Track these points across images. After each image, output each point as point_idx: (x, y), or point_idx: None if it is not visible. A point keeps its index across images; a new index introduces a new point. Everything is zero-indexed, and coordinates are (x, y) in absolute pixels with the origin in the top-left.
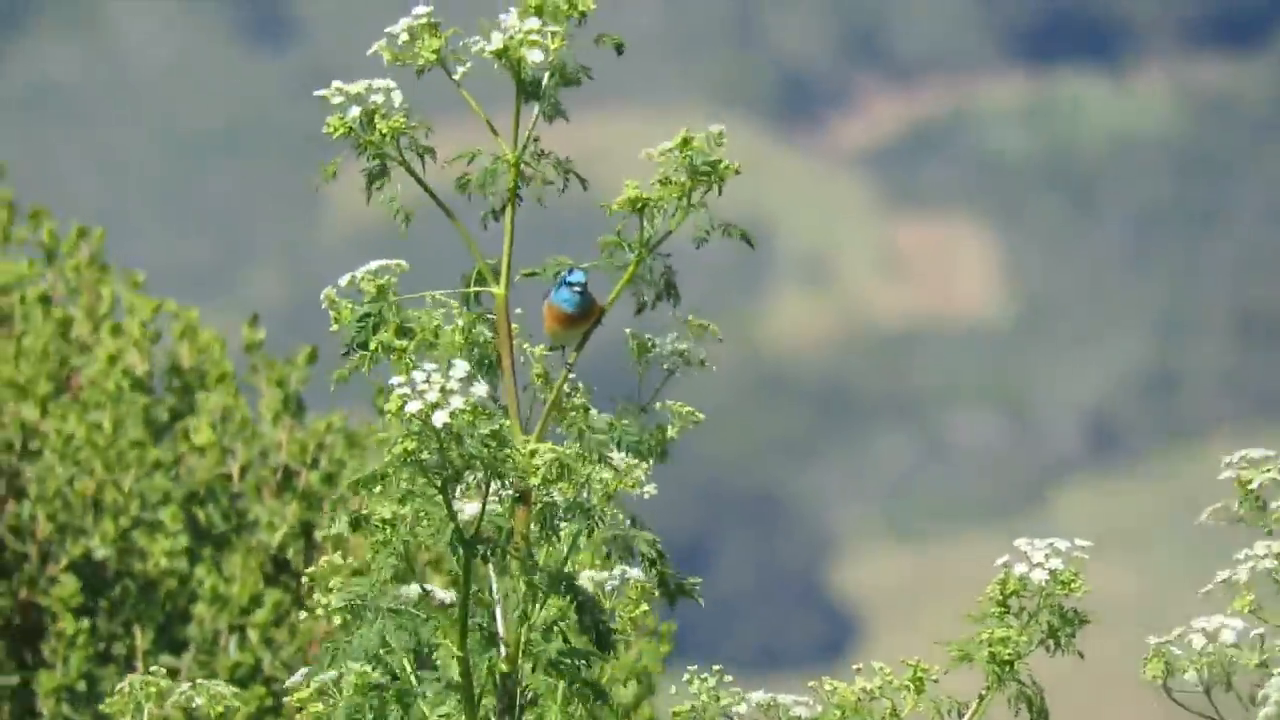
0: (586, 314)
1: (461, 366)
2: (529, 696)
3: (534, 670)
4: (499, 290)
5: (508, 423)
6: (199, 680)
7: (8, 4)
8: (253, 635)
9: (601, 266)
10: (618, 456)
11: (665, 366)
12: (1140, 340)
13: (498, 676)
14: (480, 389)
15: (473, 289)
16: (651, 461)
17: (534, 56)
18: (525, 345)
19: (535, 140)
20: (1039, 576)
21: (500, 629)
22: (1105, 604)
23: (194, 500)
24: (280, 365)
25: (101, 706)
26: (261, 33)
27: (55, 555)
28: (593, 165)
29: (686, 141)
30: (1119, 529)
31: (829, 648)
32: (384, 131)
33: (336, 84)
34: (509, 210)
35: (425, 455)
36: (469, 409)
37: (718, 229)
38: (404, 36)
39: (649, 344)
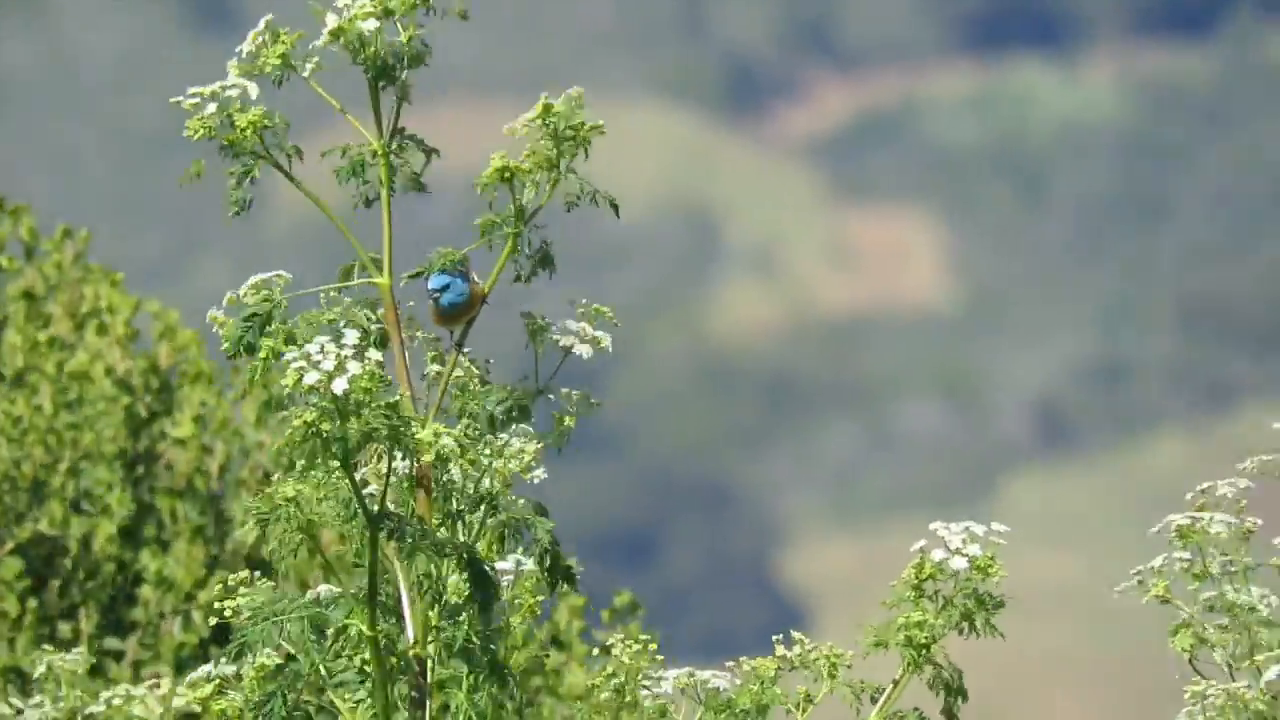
0: (463, 309)
1: (352, 334)
2: (432, 680)
3: (441, 656)
4: (383, 280)
5: (406, 392)
6: (132, 691)
7: None
8: (197, 617)
9: (476, 247)
10: (517, 442)
11: (561, 346)
12: (1089, 329)
13: (411, 662)
14: (375, 354)
15: (357, 281)
16: (539, 446)
17: (368, 26)
18: (418, 333)
19: (400, 130)
20: (958, 564)
21: (406, 614)
22: (1053, 591)
23: (173, 495)
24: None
25: (35, 672)
26: (209, 21)
27: (1, 538)
28: None
29: (548, 109)
30: (1067, 517)
31: (777, 635)
32: (242, 127)
33: (191, 88)
34: (385, 200)
35: (325, 427)
36: (367, 376)
37: (587, 194)
38: (248, 48)
39: (542, 325)
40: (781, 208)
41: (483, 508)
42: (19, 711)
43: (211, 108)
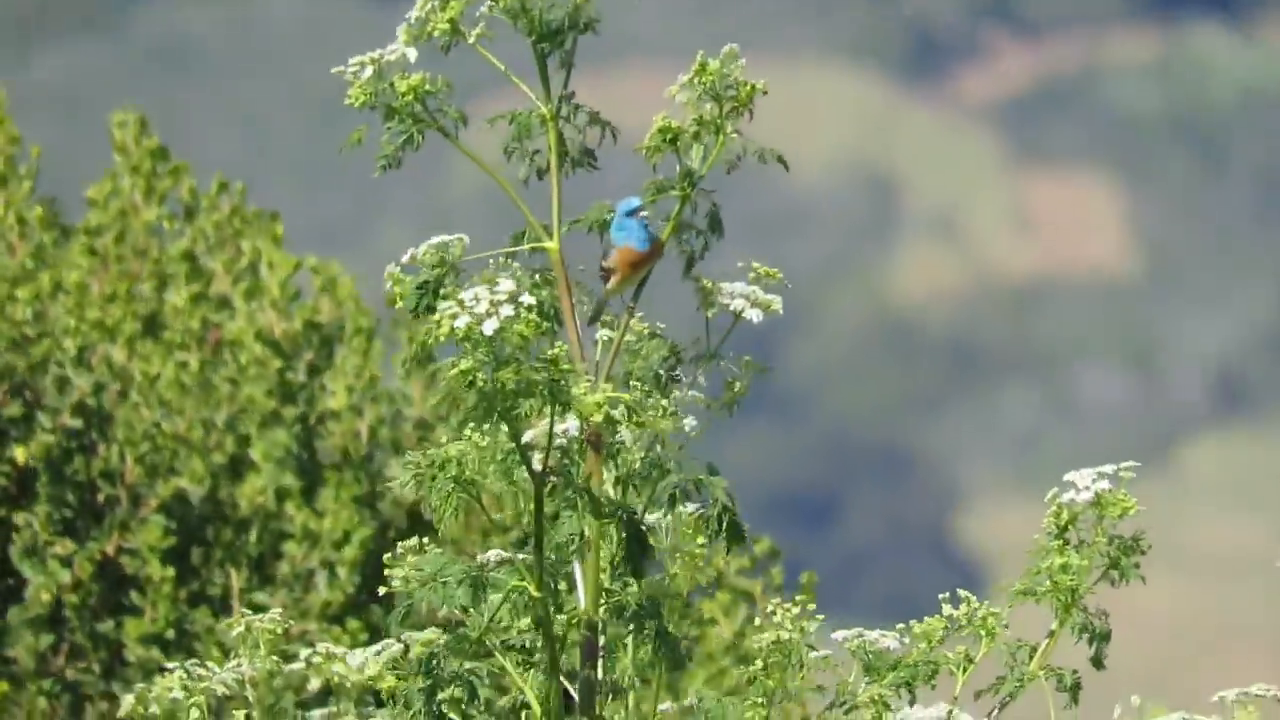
0: (656, 249)
1: (507, 282)
2: (605, 642)
3: (610, 619)
4: (553, 245)
5: (577, 354)
6: (333, 649)
7: None
8: (342, 572)
9: (647, 207)
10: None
11: (732, 310)
12: (1268, 294)
13: (581, 625)
14: (528, 299)
15: (528, 246)
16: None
17: None
18: (584, 300)
19: (569, 97)
20: (1084, 498)
21: (578, 576)
22: (1230, 556)
23: (332, 468)
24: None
25: (225, 624)
26: None
27: (145, 499)
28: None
29: (703, 68)
30: (1246, 483)
31: (944, 595)
32: (404, 92)
33: (353, 60)
34: (555, 166)
35: (482, 378)
36: (523, 321)
37: (752, 154)
38: (417, 14)
39: (711, 289)
40: (962, 172)
41: (654, 470)
42: (214, 674)
43: (369, 72)
